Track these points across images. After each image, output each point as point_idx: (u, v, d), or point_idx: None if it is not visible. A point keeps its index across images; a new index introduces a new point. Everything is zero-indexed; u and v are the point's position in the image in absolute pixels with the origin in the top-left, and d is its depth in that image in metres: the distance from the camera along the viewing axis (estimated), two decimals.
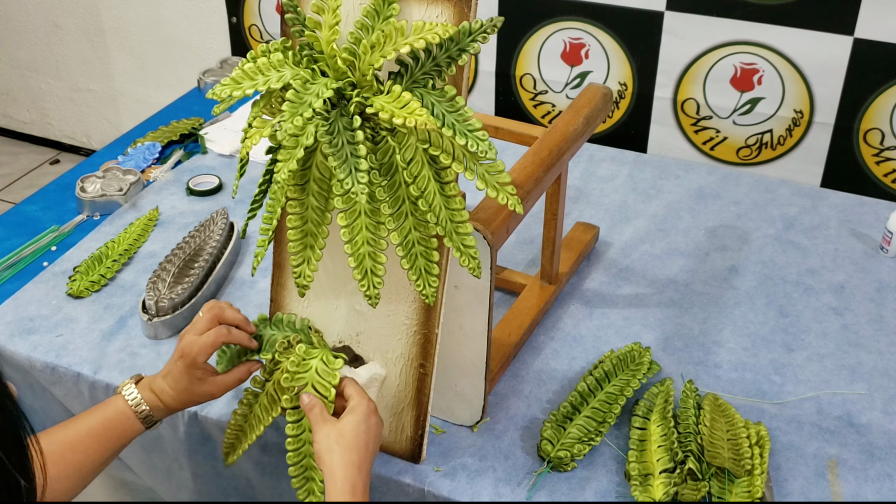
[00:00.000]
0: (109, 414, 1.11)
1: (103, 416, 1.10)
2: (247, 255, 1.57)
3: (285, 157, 1.01)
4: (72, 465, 1.06)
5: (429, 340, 1.13)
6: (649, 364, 1.30)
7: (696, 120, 2.02)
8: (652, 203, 1.72)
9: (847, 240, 1.62)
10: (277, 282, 1.21)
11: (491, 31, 0.99)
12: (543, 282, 1.46)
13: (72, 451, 1.07)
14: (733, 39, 1.90)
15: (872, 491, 1.17)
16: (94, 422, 1.10)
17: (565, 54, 2.07)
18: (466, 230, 1.04)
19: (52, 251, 1.58)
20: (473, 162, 1.01)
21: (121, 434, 1.11)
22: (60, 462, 1.05)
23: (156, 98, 2.71)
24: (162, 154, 1.85)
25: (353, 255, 1.05)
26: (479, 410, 1.24)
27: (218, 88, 1.04)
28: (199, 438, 1.29)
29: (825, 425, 1.26)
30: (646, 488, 1.13)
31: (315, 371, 1.10)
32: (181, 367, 1.11)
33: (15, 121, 3.18)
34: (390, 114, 0.97)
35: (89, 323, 1.42)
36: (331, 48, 1.03)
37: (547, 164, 1.25)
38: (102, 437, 1.09)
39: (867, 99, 1.85)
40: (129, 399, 1.11)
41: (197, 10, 2.54)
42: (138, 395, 1.11)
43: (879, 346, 1.39)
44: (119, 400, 1.12)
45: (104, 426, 1.10)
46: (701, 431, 1.19)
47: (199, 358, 1.10)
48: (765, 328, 1.42)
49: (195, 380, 1.11)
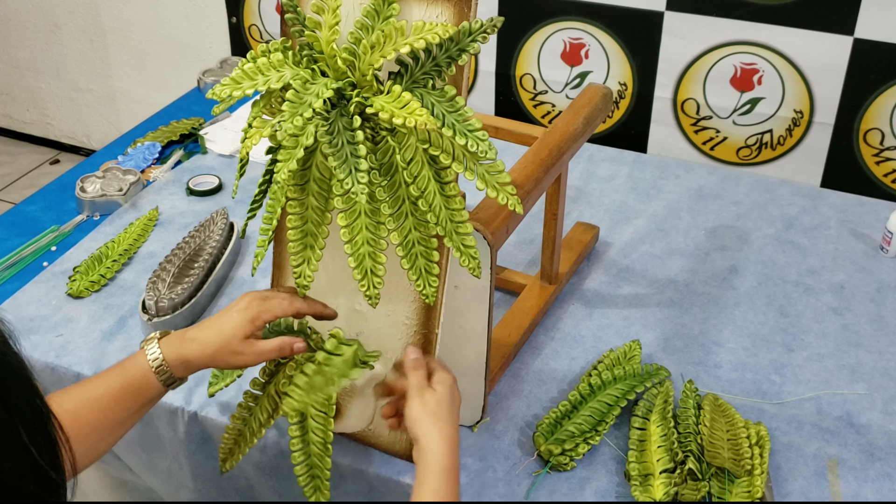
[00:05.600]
0: (129, 371, 1.06)
1: (121, 374, 1.06)
2: (247, 255, 1.57)
3: (285, 157, 1.01)
4: (89, 425, 1.02)
5: (429, 340, 1.13)
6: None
7: (696, 120, 2.02)
8: (652, 203, 1.72)
9: (847, 240, 1.62)
10: (277, 282, 1.21)
11: (491, 31, 0.99)
12: (543, 282, 1.46)
13: (88, 410, 1.02)
14: (733, 39, 1.90)
15: (872, 491, 1.17)
16: (112, 379, 1.05)
17: (565, 54, 2.07)
18: (466, 230, 1.04)
19: (52, 251, 1.58)
20: (473, 162, 1.01)
21: (139, 392, 1.05)
22: (77, 422, 1.00)
23: (156, 98, 2.71)
24: (162, 154, 1.85)
25: (353, 255, 1.05)
26: (479, 410, 1.24)
27: (218, 88, 1.04)
28: (199, 438, 1.29)
29: (825, 425, 1.26)
30: (646, 488, 1.13)
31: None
32: (238, 319, 1.07)
33: (15, 121, 3.18)
34: (390, 114, 0.97)
35: (89, 323, 1.42)
36: (331, 48, 1.03)
37: (547, 164, 1.25)
38: (120, 395, 1.04)
39: (867, 99, 1.85)
40: (150, 356, 1.06)
41: (197, 10, 2.54)
42: (159, 353, 1.06)
43: (879, 346, 1.39)
44: (140, 356, 1.07)
45: (122, 384, 1.05)
46: (701, 431, 1.19)
47: (265, 315, 1.08)
48: (765, 328, 1.42)
49: (241, 338, 1.06)
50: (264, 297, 1.10)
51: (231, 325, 1.07)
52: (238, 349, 1.07)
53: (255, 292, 1.12)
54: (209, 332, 1.08)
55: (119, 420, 1.05)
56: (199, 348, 1.07)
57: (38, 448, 0.70)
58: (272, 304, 1.10)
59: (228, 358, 1.08)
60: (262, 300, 1.10)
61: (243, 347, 1.07)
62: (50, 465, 0.71)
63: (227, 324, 1.07)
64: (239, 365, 1.09)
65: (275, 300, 1.10)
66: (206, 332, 1.08)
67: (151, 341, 1.08)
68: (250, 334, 1.08)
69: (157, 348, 1.07)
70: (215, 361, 1.08)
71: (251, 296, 1.10)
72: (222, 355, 1.07)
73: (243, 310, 1.08)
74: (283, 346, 1.10)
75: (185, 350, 1.07)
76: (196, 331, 1.09)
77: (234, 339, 1.07)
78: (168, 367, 1.06)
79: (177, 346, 1.07)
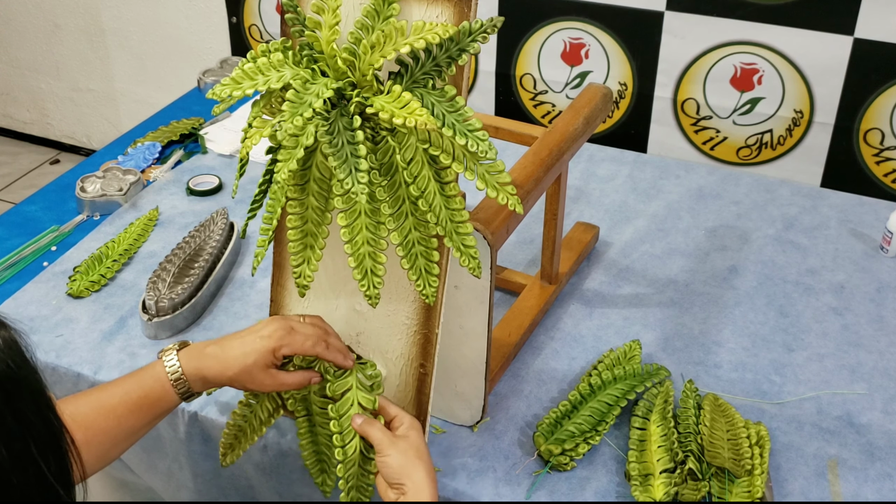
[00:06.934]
0: (146, 381, 1.05)
1: (139, 383, 1.04)
2: (247, 255, 1.57)
3: (285, 157, 1.01)
4: (102, 432, 1.01)
5: (429, 340, 1.13)
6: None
7: (696, 120, 2.02)
8: (652, 203, 1.72)
9: (847, 240, 1.62)
10: (277, 282, 1.21)
11: (491, 31, 0.99)
12: (543, 282, 1.46)
13: (103, 417, 1.01)
14: (733, 39, 1.90)
15: (872, 491, 1.17)
16: (129, 387, 1.04)
17: (565, 54, 2.07)
18: (466, 230, 1.04)
19: (52, 251, 1.58)
20: (473, 162, 1.01)
21: (155, 403, 1.04)
22: (90, 429, 1.00)
23: (156, 98, 2.72)
24: (162, 154, 1.85)
25: (353, 255, 1.05)
26: (479, 410, 1.24)
27: (218, 88, 1.04)
28: (199, 438, 1.29)
29: (825, 425, 1.26)
30: (646, 488, 1.13)
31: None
32: (260, 347, 1.05)
33: (15, 121, 3.18)
34: (390, 114, 0.97)
35: (89, 323, 1.42)
36: (331, 48, 1.03)
37: (547, 164, 1.25)
38: (135, 404, 1.03)
39: (867, 99, 1.85)
40: (169, 368, 1.05)
41: (197, 10, 2.54)
42: (178, 365, 1.05)
43: (879, 346, 1.39)
44: (158, 366, 1.05)
45: (139, 393, 1.04)
46: (701, 431, 1.19)
47: (285, 350, 1.06)
48: (765, 328, 1.42)
49: (262, 366, 1.06)
50: (289, 330, 1.08)
51: (253, 353, 1.06)
52: (258, 377, 1.07)
53: (280, 319, 1.09)
54: (230, 352, 1.06)
55: (133, 429, 1.05)
56: (220, 368, 1.06)
57: (46, 462, 0.70)
58: (296, 339, 1.08)
59: (247, 383, 1.08)
60: (286, 332, 1.07)
61: (263, 377, 1.07)
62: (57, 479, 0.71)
63: (250, 349, 1.06)
64: (257, 390, 1.10)
65: (299, 336, 1.08)
66: (226, 352, 1.07)
67: (170, 352, 1.07)
68: (271, 365, 1.07)
69: (177, 360, 1.06)
70: (234, 383, 1.08)
71: (276, 324, 1.08)
72: (241, 379, 1.07)
73: (266, 337, 1.06)
74: (304, 381, 1.11)
75: (204, 366, 1.06)
76: (217, 348, 1.07)
77: (254, 368, 1.06)
78: (187, 381, 1.06)
79: (196, 360, 1.06)
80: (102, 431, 1.01)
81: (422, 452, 1.06)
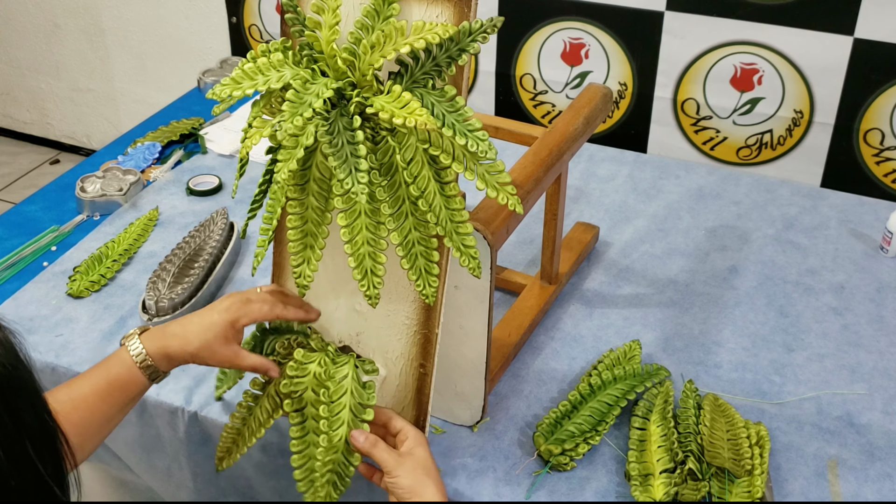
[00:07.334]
0: (112, 368, 1.07)
1: (106, 371, 1.07)
2: (247, 255, 1.57)
3: (285, 157, 1.01)
4: (78, 425, 1.03)
5: (429, 340, 1.13)
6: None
7: (696, 120, 2.02)
8: (652, 203, 1.72)
9: (847, 240, 1.62)
10: (277, 282, 1.21)
11: (491, 31, 0.99)
12: (543, 282, 1.46)
13: (76, 410, 1.03)
14: (733, 39, 1.90)
15: (872, 491, 1.17)
16: (97, 377, 1.06)
17: (565, 54, 2.07)
18: (466, 230, 1.04)
19: (52, 251, 1.58)
20: (473, 162, 1.01)
21: (123, 388, 1.06)
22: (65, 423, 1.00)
23: (156, 98, 2.72)
24: (162, 154, 1.85)
25: (353, 255, 1.05)
26: (479, 410, 1.24)
27: (218, 88, 1.04)
28: (199, 438, 1.29)
29: (825, 425, 1.26)
30: (646, 488, 1.13)
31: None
32: (219, 321, 1.08)
33: (15, 121, 3.18)
34: (390, 114, 0.97)
35: (89, 323, 1.42)
36: (331, 48, 1.03)
37: (547, 164, 1.25)
38: (106, 392, 1.05)
39: (867, 99, 1.85)
40: (133, 352, 1.07)
41: (197, 10, 2.54)
42: (141, 348, 1.07)
43: (879, 347, 1.39)
44: (123, 353, 1.08)
45: (107, 381, 1.06)
46: (701, 431, 1.19)
47: (244, 319, 1.09)
48: (765, 328, 1.42)
49: (222, 339, 1.08)
50: (245, 300, 1.11)
51: (212, 326, 1.09)
52: (219, 351, 1.09)
53: (237, 294, 1.13)
54: (191, 328, 1.09)
55: (106, 417, 1.06)
56: (181, 344, 1.08)
57: (44, 463, 0.70)
58: (253, 308, 1.11)
59: (209, 358, 1.10)
60: (242, 303, 1.11)
61: (224, 351, 1.09)
62: (54, 481, 0.71)
63: (208, 324, 1.09)
64: (220, 365, 1.11)
65: (255, 304, 1.11)
66: (187, 329, 1.09)
67: (132, 337, 1.09)
68: (232, 337, 1.09)
69: (139, 343, 1.08)
70: (196, 359, 1.10)
71: (233, 298, 1.11)
72: (203, 354, 1.09)
73: (224, 311, 1.09)
74: (261, 366, 1.12)
75: (167, 344, 1.08)
76: (178, 326, 1.10)
77: (215, 342, 1.08)
78: (152, 361, 1.07)
79: (158, 340, 1.08)
80: (76, 423, 1.03)
81: (430, 469, 1.06)
